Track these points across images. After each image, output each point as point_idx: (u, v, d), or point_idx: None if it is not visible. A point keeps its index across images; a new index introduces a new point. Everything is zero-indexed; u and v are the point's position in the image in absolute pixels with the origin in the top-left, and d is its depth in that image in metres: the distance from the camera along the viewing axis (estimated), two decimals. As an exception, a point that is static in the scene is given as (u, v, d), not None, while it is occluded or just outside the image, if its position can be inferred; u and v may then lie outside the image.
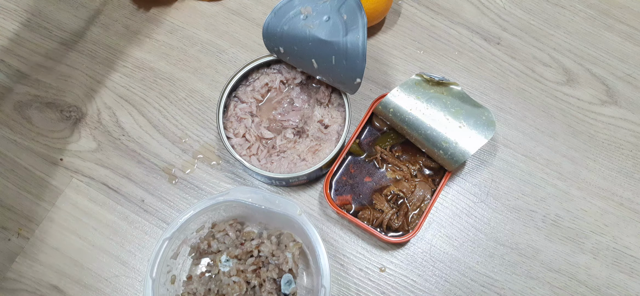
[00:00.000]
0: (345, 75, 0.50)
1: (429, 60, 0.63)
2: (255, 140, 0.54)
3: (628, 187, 0.58)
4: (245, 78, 0.55)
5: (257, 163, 0.52)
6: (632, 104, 0.62)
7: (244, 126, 0.54)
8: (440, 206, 0.57)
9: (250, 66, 0.54)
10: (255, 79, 0.55)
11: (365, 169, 0.56)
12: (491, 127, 0.52)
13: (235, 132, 0.53)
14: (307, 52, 0.50)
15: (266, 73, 0.56)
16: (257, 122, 0.54)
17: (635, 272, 0.56)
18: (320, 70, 0.51)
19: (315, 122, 0.55)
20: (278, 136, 0.54)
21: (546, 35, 0.64)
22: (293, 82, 0.56)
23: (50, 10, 0.63)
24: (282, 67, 0.55)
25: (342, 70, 0.49)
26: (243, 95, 0.55)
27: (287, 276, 0.50)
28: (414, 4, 0.65)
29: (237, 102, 0.55)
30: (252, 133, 0.54)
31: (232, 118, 0.54)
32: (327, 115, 0.55)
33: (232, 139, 0.53)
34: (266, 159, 0.53)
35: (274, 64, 0.56)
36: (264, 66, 0.56)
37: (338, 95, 0.55)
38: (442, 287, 0.54)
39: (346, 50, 0.48)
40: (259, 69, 0.55)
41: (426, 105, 0.53)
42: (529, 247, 0.56)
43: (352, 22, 0.48)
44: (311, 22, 0.49)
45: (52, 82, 0.60)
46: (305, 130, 0.55)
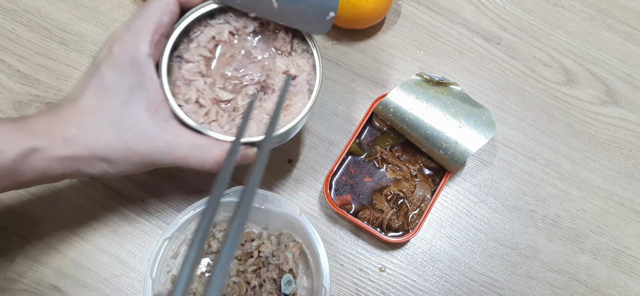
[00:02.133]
0: (315, 10, 0.41)
1: (429, 60, 0.63)
2: (212, 104, 0.44)
3: (628, 187, 0.58)
4: (186, 35, 0.45)
5: (219, 130, 0.43)
6: (632, 104, 0.62)
7: (195, 89, 0.44)
8: (440, 206, 0.57)
9: (188, 19, 0.44)
10: (198, 34, 0.45)
11: (365, 169, 0.56)
12: (491, 127, 0.52)
13: (186, 97, 0.43)
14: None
15: (211, 25, 0.46)
16: (210, 82, 0.45)
17: (635, 272, 0.56)
18: (281, 11, 0.42)
19: (279, 73, 0.46)
20: (238, 96, 0.45)
21: (546, 35, 0.64)
22: (244, 31, 0.46)
23: (50, 10, 0.63)
24: (229, 16, 0.46)
25: (309, 5, 0.41)
26: (187, 53, 0.44)
27: (287, 276, 0.50)
28: (414, 4, 0.65)
29: (182, 62, 0.44)
30: (206, 96, 0.44)
31: (178, 82, 0.43)
32: (291, 64, 0.47)
33: (184, 107, 0.43)
34: (229, 124, 0.44)
35: (218, 14, 0.46)
36: (207, 17, 0.46)
37: (301, 40, 0.46)
38: (442, 287, 0.54)
39: None
40: (200, 21, 0.45)
41: (426, 105, 0.53)
42: (529, 247, 0.56)
43: None
44: None
45: (52, 82, 0.60)
46: (269, 84, 0.46)
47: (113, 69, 0.39)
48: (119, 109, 0.39)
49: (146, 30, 0.39)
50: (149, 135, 0.39)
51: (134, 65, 0.39)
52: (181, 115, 0.41)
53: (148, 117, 0.39)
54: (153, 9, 0.40)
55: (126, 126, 0.39)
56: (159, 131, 0.39)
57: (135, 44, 0.39)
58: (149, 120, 0.39)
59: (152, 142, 0.39)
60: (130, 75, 0.39)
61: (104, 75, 0.39)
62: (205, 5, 0.44)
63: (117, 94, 0.39)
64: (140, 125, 0.39)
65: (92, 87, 0.39)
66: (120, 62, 0.39)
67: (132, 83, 0.39)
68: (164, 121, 0.40)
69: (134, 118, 0.39)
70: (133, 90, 0.39)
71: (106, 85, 0.39)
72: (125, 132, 0.39)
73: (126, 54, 0.39)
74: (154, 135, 0.39)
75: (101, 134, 0.39)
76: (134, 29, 0.39)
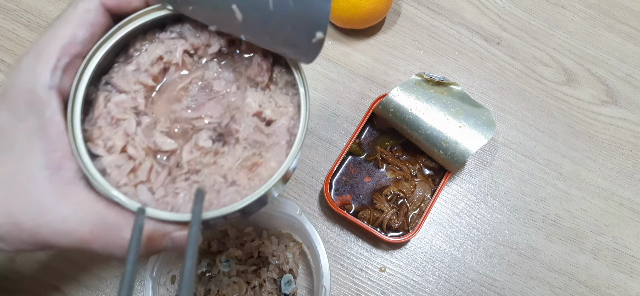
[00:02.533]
0: (296, 28, 0.28)
1: (429, 60, 0.63)
2: (146, 156, 0.31)
3: (628, 187, 0.58)
4: (124, 51, 0.32)
5: (148, 197, 0.30)
6: (632, 104, 0.62)
7: (124, 133, 0.31)
8: (440, 206, 0.57)
9: (126, 29, 0.31)
10: (141, 51, 0.32)
11: (365, 169, 0.56)
12: (491, 127, 0.52)
13: (109, 144, 0.30)
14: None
15: (160, 39, 0.33)
16: (147, 123, 0.32)
17: (635, 272, 0.56)
18: (248, 26, 0.30)
19: (249, 116, 0.33)
20: (186, 145, 0.32)
21: (546, 35, 0.64)
22: (206, 51, 0.33)
23: (50, 10, 0.63)
24: (186, 29, 0.33)
25: (288, 20, 0.28)
26: (120, 79, 0.32)
27: (287, 276, 0.50)
28: (414, 4, 0.65)
29: (111, 92, 0.32)
30: (138, 144, 0.31)
31: (101, 121, 0.31)
32: (268, 102, 0.33)
33: (103, 158, 0.30)
34: (166, 188, 0.31)
35: (172, 25, 0.33)
36: (155, 28, 0.33)
37: (285, 68, 0.33)
38: (442, 287, 0.54)
39: None
40: (145, 34, 0.32)
41: (426, 105, 0.53)
42: (529, 247, 0.56)
43: None
44: None
45: (52, 82, 0.60)
46: (232, 130, 0.33)
47: (7, 108, 0.28)
48: (10, 166, 0.28)
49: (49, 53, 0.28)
50: (41, 205, 0.28)
51: (32, 102, 0.28)
52: (89, 174, 0.28)
53: (46, 177, 0.28)
54: (63, 20, 0.29)
55: (15, 191, 0.28)
56: (55, 200, 0.28)
57: (33, 73, 0.28)
58: (46, 183, 0.28)
59: (43, 217, 0.28)
60: (26, 116, 0.28)
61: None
62: (152, 11, 0.31)
63: (12, 144, 0.28)
64: (32, 190, 0.28)
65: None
66: (15, 97, 0.28)
67: (29, 129, 0.28)
68: (66, 184, 0.28)
69: (27, 180, 0.28)
70: (30, 139, 0.28)
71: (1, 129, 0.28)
72: (13, 199, 0.28)
73: (22, 87, 0.28)
74: (47, 207, 0.28)
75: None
76: (35, 51, 0.28)
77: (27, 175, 0.28)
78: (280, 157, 0.32)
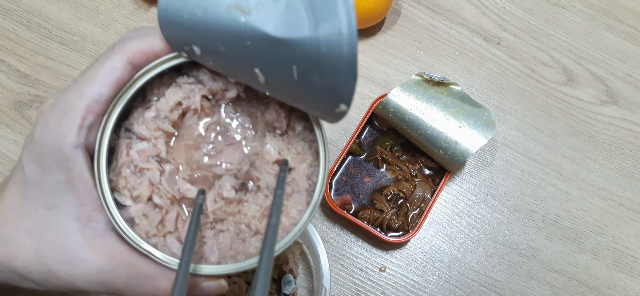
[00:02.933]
0: (319, 97, 0.28)
1: (429, 60, 0.63)
2: (172, 204, 0.31)
3: (628, 187, 0.58)
4: (142, 96, 0.32)
5: (179, 248, 0.31)
6: (632, 104, 0.62)
7: (149, 182, 0.31)
8: (440, 206, 0.57)
9: (145, 78, 0.30)
10: (159, 96, 0.32)
11: (365, 169, 0.56)
12: (491, 127, 0.52)
13: (135, 194, 0.31)
14: (245, 56, 0.28)
15: (177, 84, 0.32)
16: (169, 171, 0.32)
17: (635, 272, 0.56)
18: (271, 87, 0.29)
19: (269, 163, 0.32)
20: (209, 193, 0.32)
21: (546, 35, 0.64)
22: (224, 96, 0.33)
23: (50, 10, 0.63)
24: (203, 74, 0.32)
25: (312, 89, 0.27)
26: (140, 126, 0.31)
27: (287, 276, 0.50)
28: (414, 4, 0.65)
29: (132, 139, 0.32)
30: (163, 193, 0.31)
31: (125, 170, 0.31)
32: (287, 149, 0.32)
33: (131, 208, 0.30)
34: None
35: (189, 69, 0.33)
36: (173, 73, 0.32)
37: (301, 115, 0.33)
38: (442, 287, 0.54)
39: (319, 55, 0.26)
40: (162, 78, 0.32)
41: (426, 105, 0.53)
42: (529, 247, 0.56)
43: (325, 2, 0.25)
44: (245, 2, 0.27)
45: (52, 82, 0.60)
46: (253, 177, 0.32)
47: (34, 161, 0.29)
48: (41, 216, 0.29)
49: (75, 111, 0.28)
50: (75, 257, 0.29)
51: (59, 158, 0.29)
52: (120, 229, 0.29)
53: (77, 229, 0.29)
54: (89, 77, 0.29)
55: (48, 241, 0.29)
56: (89, 252, 0.29)
57: (59, 131, 0.28)
58: (78, 235, 0.29)
59: (77, 268, 0.29)
60: (54, 171, 0.29)
61: (25, 166, 0.29)
62: (170, 59, 0.31)
63: (40, 195, 0.29)
64: (65, 241, 0.29)
65: (15, 180, 0.30)
66: (42, 153, 0.29)
67: (58, 182, 0.29)
68: (98, 236, 0.29)
69: (59, 231, 0.29)
70: (59, 191, 0.29)
71: (28, 180, 0.29)
72: (45, 250, 0.29)
73: (48, 144, 0.28)
74: (81, 259, 0.29)
75: (19, 249, 0.29)
76: (60, 108, 0.29)
77: (59, 226, 0.29)
78: (301, 206, 0.32)
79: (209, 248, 0.31)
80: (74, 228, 0.29)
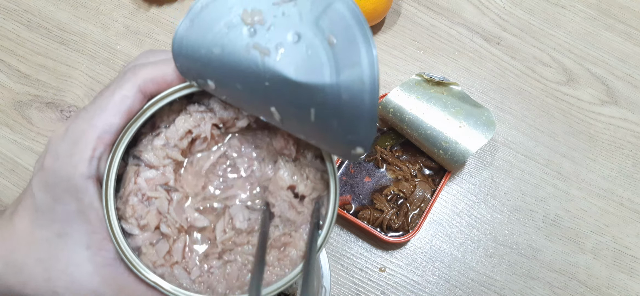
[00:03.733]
0: (336, 139, 0.27)
1: (429, 60, 0.63)
2: (179, 233, 0.31)
3: (628, 187, 0.58)
4: (151, 122, 0.32)
5: (185, 277, 0.30)
6: (632, 104, 0.62)
7: (157, 212, 0.31)
8: (440, 206, 0.57)
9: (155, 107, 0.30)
10: (168, 124, 0.31)
11: (365, 169, 0.56)
12: (491, 127, 0.52)
13: (142, 222, 0.30)
14: (262, 96, 0.27)
15: (188, 112, 0.31)
16: (178, 199, 0.31)
17: (635, 272, 0.56)
18: (286, 124, 0.29)
19: (283, 189, 0.31)
20: (218, 223, 0.32)
21: (546, 35, 0.64)
22: (234, 125, 0.32)
23: (50, 10, 0.63)
24: (214, 101, 0.31)
25: (330, 132, 0.27)
26: (148, 153, 0.31)
27: (287, 276, 0.50)
28: (414, 4, 0.65)
29: (140, 166, 0.31)
30: (171, 222, 0.31)
31: (133, 198, 0.30)
32: (300, 175, 0.31)
33: (138, 236, 0.30)
34: (201, 268, 0.31)
35: (200, 97, 0.32)
36: (184, 100, 0.32)
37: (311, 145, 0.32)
38: (442, 287, 0.54)
39: (339, 102, 0.25)
40: (171, 105, 0.31)
41: (426, 105, 0.53)
42: (529, 247, 0.56)
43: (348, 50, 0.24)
44: (264, 43, 0.26)
45: (52, 82, 0.60)
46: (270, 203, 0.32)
47: (45, 190, 0.29)
48: (52, 244, 0.29)
49: (86, 142, 0.28)
50: (85, 287, 0.29)
51: (69, 189, 0.28)
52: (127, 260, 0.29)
53: (87, 258, 0.29)
54: (100, 107, 0.29)
55: (58, 270, 0.29)
56: (98, 282, 0.29)
57: (70, 163, 0.28)
58: (88, 264, 0.29)
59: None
60: (65, 200, 0.29)
61: (36, 194, 0.29)
62: (182, 88, 0.30)
63: (51, 223, 0.29)
64: (74, 271, 0.29)
65: (26, 206, 0.30)
66: (52, 182, 0.29)
67: (69, 211, 0.29)
68: (108, 265, 0.29)
69: (69, 261, 0.29)
70: (70, 220, 0.29)
71: (39, 208, 0.29)
72: (56, 278, 0.29)
73: (58, 174, 0.28)
74: (90, 289, 0.29)
75: (30, 277, 0.29)
76: (71, 137, 0.28)
77: (70, 254, 0.29)
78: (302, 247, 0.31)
79: (216, 279, 0.30)
80: (84, 257, 0.29)
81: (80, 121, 0.29)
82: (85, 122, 0.28)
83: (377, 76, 0.24)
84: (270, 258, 0.31)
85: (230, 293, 0.30)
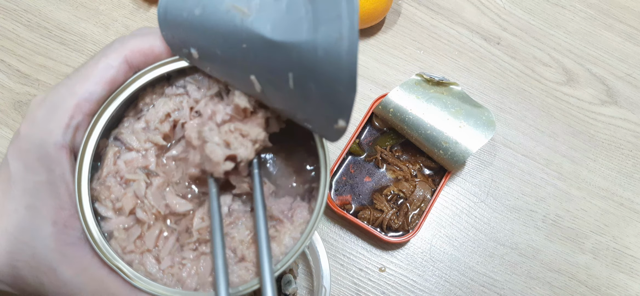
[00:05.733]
0: (317, 110, 0.26)
1: (429, 60, 0.63)
2: (155, 220, 0.29)
3: (628, 187, 0.58)
4: (134, 103, 0.31)
5: (154, 267, 0.28)
6: (632, 104, 0.62)
7: (133, 195, 0.29)
8: (440, 206, 0.57)
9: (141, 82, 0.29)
10: (148, 106, 0.30)
11: (365, 169, 0.56)
12: (491, 127, 0.52)
13: (117, 205, 0.29)
14: (241, 61, 0.26)
15: (166, 95, 0.30)
16: (158, 184, 0.30)
17: (635, 272, 0.56)
18: (268, 97, 0.27)
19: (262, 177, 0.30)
20: (198, 209, 0.30)
21: (546, 35, 0.64)
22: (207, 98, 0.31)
23: (50, 10, 0.63)
24: (189, 83, 0.30)
25: (309, 101, 0.25)
26: (131, 136, 0.30)
27: (287, 276, 0.50)
28: (414, 4, 0.65)
29: (121, 149, 0.30)
30: (147, 208, 0.29)
31: (110, 180, 0.29)
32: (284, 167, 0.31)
33: (111, 220, 0.29)
34: (172, 258, 0.29)
35: (176, 79, 0.31)
36: (163, 81, 0.30)
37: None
38: (442, 287, 0.54)
39: (315, 61, 0.23)
40: (154, 87, 0.30)
41: (426, 105, 0.53)
42: (529, 247, 0.56)
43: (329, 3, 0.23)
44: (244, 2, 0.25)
45: (52, 82, 0.60)
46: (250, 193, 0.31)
47: (18, 158, 0.28)
48: (20, 216, 0.27)
49: (64, 109, 0.27)
50: (45, 264, 0.27)
51: (42, 157, 0.27)
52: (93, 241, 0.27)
53: (52, 234, 0.27)
54: (82, 74, 0.28)
55: (21, 243, 0.27)
56: (59, 261, 0.27)
57: (45, 129, 0.27)
58: (51, 241, 0.27)
59: (46, 276, 0.27)
60: (37, 170, 0.27)
61: (10, 163, 0.28)
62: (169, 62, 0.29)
63: (22, 195, 0.27)
64: (37, 245, 0.27)
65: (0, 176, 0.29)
66: (26, 149, 0.27)
67: (39, 182, 0.27)
68: (71, 244, 0.27)
69: (34, 235, 0.27)
70: (39, 192, 0.27)
71: (12, 178, 0.28)
72: (18, 251, 0.27)
73: (33, 141, 0.27)
74: (50, 267, 0.27)
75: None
76: (49, 104, 0.27)
77: (35, 228, 0.27)
78: (295, 231, 0.30)
79: (187, 272, 0.28)
80: (48, 233, 0.27)
81: (61, 88, 0.28)
82: (66, 89, 0.27)
83: (357, 33, 0.22)
84: (249, 254, 0.29)
85: (200, 289, 0.28)
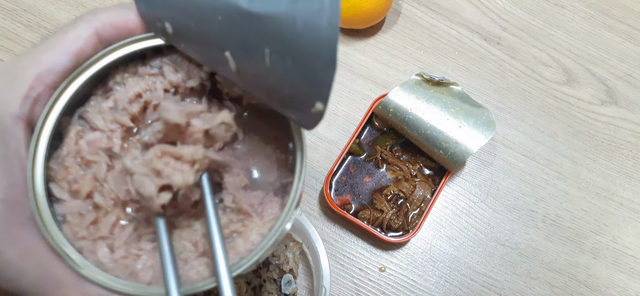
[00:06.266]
0: (294, 91, 0.24)
1: (429, 60, 0.63)
2: (114, 206, 0.27)
3: (628, 187, 0.58)
4: (104, 81, 0.28)
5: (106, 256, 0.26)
6: (632, 104, 0.62)
7: (92, 177, 0.27)
8: (440, 206, 0.57)
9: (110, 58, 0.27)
10: (119, 85, 0.28)
11: (365, 169, 0.56)
12: (491, 127, 0.52)
13: (74, 187, 0.27)
14: (216, 35, 0.25)
15: (139, 74, 0.28)
16: (121, 168, 0.28)
17: (635, 272, 0.56)
18: (243, 77, 0.26)
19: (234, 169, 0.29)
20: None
21: (546, 35, 0.64)
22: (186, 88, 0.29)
23: (50, 10, 0.63)
24: (167, 64, 0.29)
25: (285, 80, 0.24)
26: (96, 116, 0.28)
27: (288, 276, 0.50)
28: (414, 4, 0.65)
29: (85, 129, 0.28)
30: (106, 192, 0.27)
31: (69, 160, 0.27)
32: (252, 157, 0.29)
33: (66, 203, 0.27)
34: (127, 248, 0.27)
35: (152, 58, 0.29)
36: (137, 60, 0.29)
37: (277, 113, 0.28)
38: (442, 287, 0.54)
39: (294, 33, 0.22)
40: (127, 65, 0.28)
41: (426, 105, 0.53)
42: (529, 247, 0.56)
43: None
44: None
45: (52, 82, 0.60)
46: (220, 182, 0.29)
47: None
48: None
49: (24, 79, 0.25)
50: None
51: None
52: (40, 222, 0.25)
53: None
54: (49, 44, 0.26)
55: None
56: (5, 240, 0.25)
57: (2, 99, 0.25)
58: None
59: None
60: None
61: None
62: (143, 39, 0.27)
63: None
64: None
65: None
66: None
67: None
68: (19, 224, 0.25)
69: None
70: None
71: None
72: None
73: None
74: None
75: None
76: (10, 72, 0.25)
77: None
78: (263, 227, 0.27)
79: (142, 264, 0.26)
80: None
81: (25, 56, 0.26)
82: (29, 58, 0.25)
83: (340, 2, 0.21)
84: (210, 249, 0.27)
85: (155, 283, 0.26)
